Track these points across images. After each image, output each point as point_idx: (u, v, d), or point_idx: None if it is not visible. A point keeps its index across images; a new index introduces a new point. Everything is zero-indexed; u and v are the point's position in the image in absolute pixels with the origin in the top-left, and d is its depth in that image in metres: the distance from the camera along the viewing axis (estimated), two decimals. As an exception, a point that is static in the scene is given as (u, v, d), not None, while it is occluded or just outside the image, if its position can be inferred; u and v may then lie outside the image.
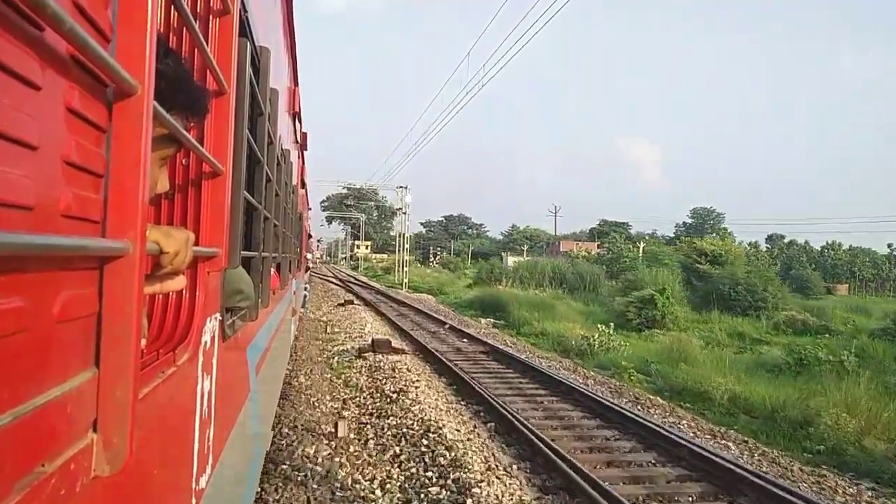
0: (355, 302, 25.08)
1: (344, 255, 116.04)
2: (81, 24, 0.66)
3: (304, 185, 11.14)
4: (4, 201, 0.57)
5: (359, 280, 50.32)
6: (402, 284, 44.46)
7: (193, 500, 1.52)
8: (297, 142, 7.06)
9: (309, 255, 29.14)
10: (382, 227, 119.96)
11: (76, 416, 0.74)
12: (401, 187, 46.97)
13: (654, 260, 45.08)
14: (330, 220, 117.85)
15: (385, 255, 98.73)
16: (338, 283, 42.25)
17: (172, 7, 1.54)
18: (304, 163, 10.08)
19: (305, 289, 20.64)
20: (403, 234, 48.87)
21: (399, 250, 52.53)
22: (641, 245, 58.59)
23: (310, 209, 21.71)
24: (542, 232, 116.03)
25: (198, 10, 1.56)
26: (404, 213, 48.26)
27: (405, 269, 46.48)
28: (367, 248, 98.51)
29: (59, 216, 0.68)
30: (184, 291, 1.45)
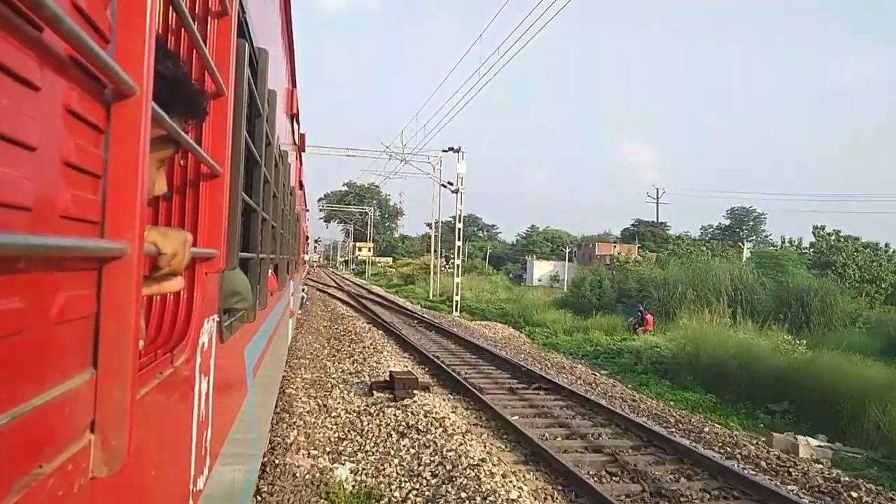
0: (432, 386, 10.07)
1: (344, 258, 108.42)
2: (80, 24, 0.66)
3: (301, 186, 11.14)
4: (3, 202, 0.57)
5: (373, 293, 36.54)
6: (449, 304, 29.02)
7: (191, 502, 1.51)
8: (295, 143, 7.05)
9: (306, 257, 27.68)
10: (386, 228, 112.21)
11: (74, 417, 0.74)
12: (451, 149, 28.19)
13: (774, 266, 31.06)
14: (328, 219, 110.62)
15: (390, 259, 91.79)
16: (346, 298, 29.31)
17: (171, 8, 1.54)
18: (301, 164, 10.08)
19: (303, 290, 20.42)
20: (458, 224, 28.97)
21: (434, 250, 39.98)
22: (746, 247, 42.07)
23: (307, 210, 21.62)
24: (563, 233, 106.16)
25: (196, 12, 1.56)
26: (457, 191, 28.25)
27: (457, 279, 28.50)
28: (369, 250, 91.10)
29: (57, 217, 0.68)
30: (181, 293, 1.44)
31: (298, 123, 7.20)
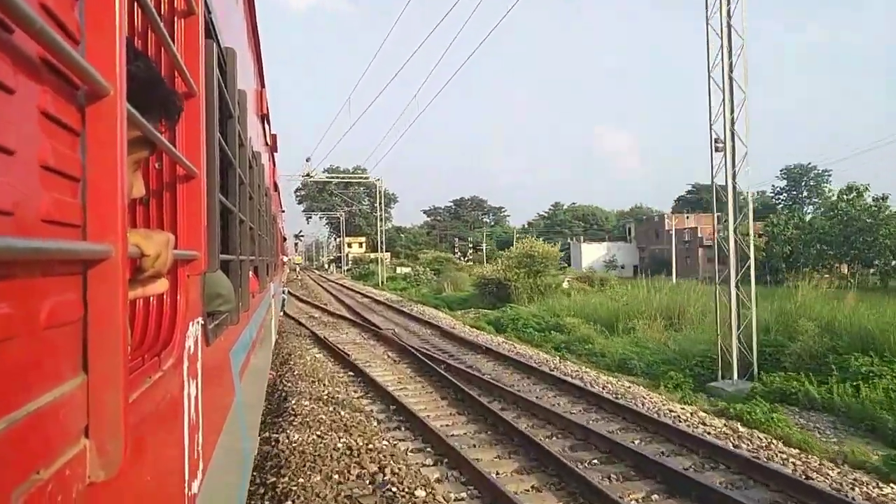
0: None
1: (332, 257, 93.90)
2: (50, 25, 0.65)
3: (276, 187, 11.04)
4: None
5: (444, 331, 18.19)
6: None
7: None
8: (267, 144, 6.99)
9: (285, 259, 27.03)
10: (377, 219, 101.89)
11: (68, 423, 0.74)
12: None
13: None
14: (309, 214, 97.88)
15: (388, 255, 78.72)
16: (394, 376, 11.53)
17: (137, 7, 1.52)
18: (274, 165, 9.99)
19: (284, 291, 20.26)
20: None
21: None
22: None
23: (283, 211, 21.41)
24: (599, 210, 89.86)
25: (162, 12, 1.54)
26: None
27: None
28: (360, 245, 78.49)
29: (39, 221, 0.67)
30: (165, 296, 1.43)
31: (269, 124, 7.13)
